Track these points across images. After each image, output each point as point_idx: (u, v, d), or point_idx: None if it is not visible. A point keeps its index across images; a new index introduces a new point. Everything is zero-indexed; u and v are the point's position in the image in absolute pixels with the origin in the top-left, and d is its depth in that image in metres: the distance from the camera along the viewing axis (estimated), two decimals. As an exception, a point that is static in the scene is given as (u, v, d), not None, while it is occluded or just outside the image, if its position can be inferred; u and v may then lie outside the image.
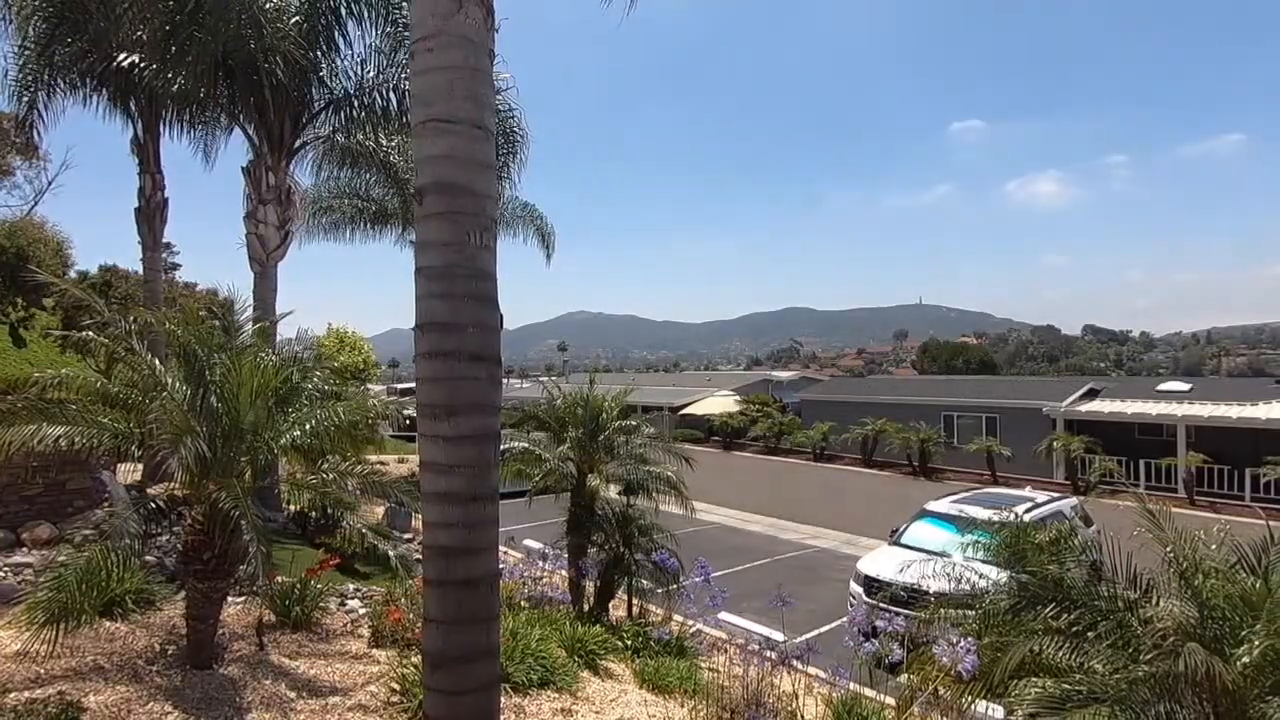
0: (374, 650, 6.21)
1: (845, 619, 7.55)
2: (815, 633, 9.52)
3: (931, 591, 6.97)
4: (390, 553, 6.26)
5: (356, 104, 11.78)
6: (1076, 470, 23.65)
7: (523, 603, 8.23)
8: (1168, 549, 4.45)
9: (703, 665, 7.34)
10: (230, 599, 6.34)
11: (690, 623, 8.50)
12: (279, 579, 6.79)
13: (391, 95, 11.51)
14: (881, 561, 10.29)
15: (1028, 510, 10.82)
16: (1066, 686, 4.26)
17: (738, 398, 38.88)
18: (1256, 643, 3.89)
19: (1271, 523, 4.85)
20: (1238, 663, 3.92)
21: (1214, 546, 4.55)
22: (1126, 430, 24.94)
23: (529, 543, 11.24)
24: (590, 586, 9.04)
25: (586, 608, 8.79)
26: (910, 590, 8.44)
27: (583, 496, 8.78)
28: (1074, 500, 13.52)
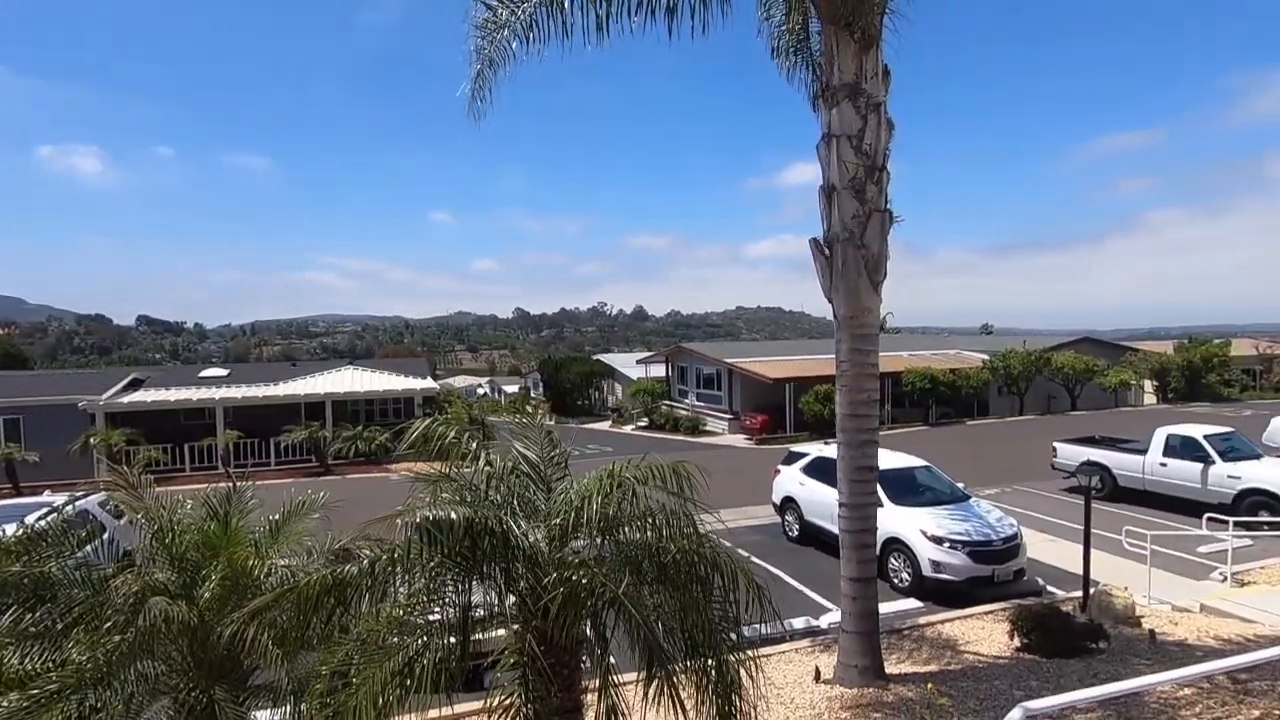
0: None
1: None
2: None
3: None
4: None
5: None
6: (121, 463, 22.57)
7: None
8: (140, 515, 4.72)
9: None
10: None
11: None
12: None
13: None
14: None
15: (41, 516, 9.59)
16: (35, 692, 3.95)
17: None
18: (215, 578, 4.58)
19: (274, 481, 5.79)
20: (201, 599, 4.52)
21: (191, 507, 5.10)
22: (172, 417, 25.54)
23: None
24: None
25: None
26: None
27: None
28: (103, 496, 12.78)
